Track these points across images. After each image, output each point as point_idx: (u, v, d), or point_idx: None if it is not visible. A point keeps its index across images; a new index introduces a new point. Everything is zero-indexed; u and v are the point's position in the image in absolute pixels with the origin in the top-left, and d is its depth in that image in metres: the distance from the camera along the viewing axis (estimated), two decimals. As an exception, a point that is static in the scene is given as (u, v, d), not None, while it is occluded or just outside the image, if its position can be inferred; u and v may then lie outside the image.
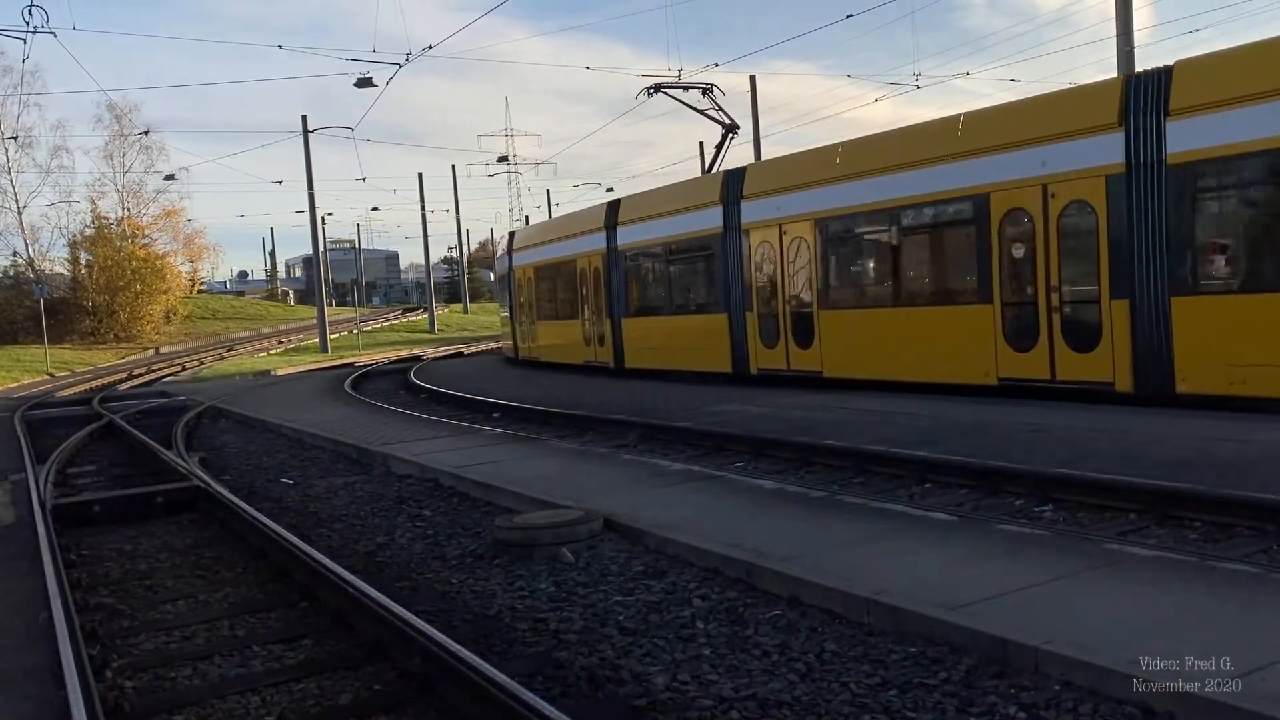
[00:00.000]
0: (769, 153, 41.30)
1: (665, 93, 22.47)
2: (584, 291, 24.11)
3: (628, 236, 21.99)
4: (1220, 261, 11.54)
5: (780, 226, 17.14)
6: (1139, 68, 17.93)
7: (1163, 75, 11.62)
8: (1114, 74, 17.95)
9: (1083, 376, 12.45)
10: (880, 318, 15.53)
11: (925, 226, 14.99)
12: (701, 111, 22.17)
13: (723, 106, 22.19)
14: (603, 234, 22.82)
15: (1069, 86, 13.48)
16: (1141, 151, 11.70)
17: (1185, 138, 11.24)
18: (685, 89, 22.54)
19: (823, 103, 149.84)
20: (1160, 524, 6.85)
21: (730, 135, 21.90)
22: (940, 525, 6.67)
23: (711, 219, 18.70)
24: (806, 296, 16.77)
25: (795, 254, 16.91)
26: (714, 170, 21.70)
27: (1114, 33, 19.68)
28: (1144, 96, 11.69)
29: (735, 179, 18.41)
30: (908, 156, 14.73)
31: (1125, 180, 11.84)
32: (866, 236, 15.98)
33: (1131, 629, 4.46)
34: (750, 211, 17.87)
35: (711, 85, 22.32)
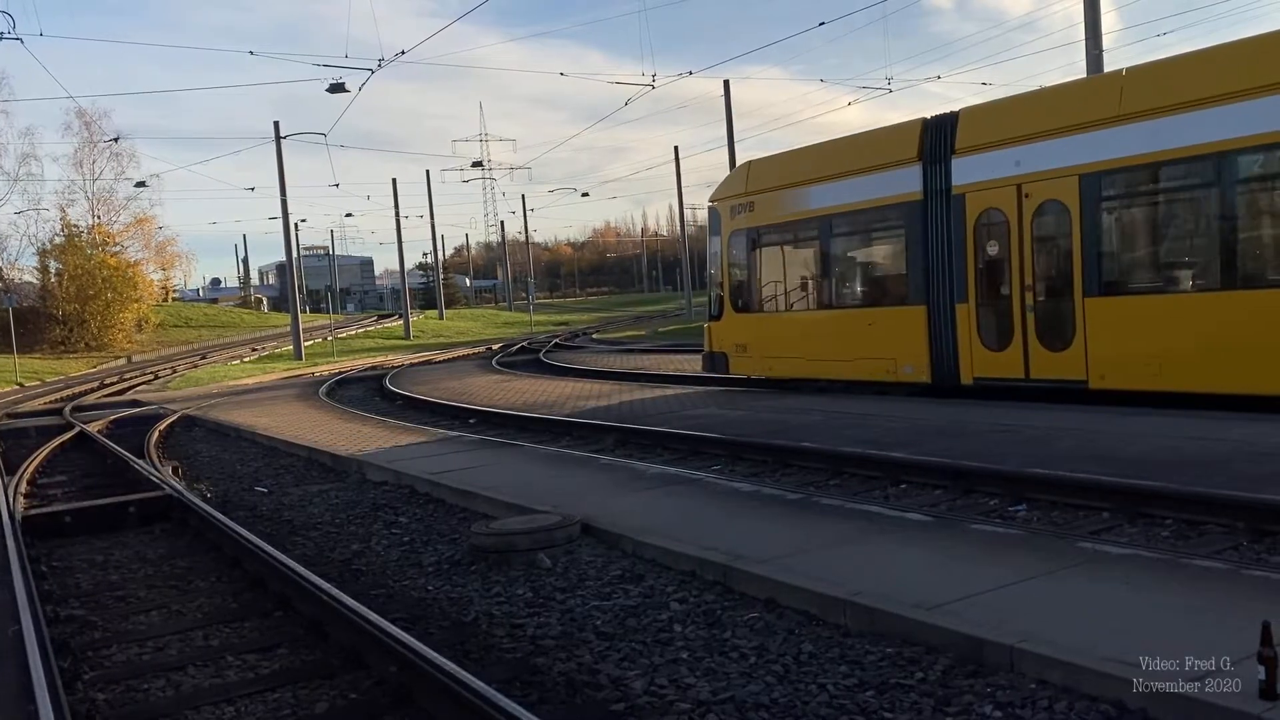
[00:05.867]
0: (743, 157, 41.51)
1: None
2: None
3: None
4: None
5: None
6: (1108, 68, 18.29)
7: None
8: (1084, 75, 18.26)
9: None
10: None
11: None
12: None
13: None
14: None
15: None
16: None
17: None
18: None
19: (796, 107, 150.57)
20: (1132, 522, 6.92)
21: None
22: (916, 526, 6.71)
23: None
24: None
25: None
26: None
27: (1081, 36, 19.97)
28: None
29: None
30: None
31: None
32: None
33: (1106, 626, 4.49)
34: None
35: None
